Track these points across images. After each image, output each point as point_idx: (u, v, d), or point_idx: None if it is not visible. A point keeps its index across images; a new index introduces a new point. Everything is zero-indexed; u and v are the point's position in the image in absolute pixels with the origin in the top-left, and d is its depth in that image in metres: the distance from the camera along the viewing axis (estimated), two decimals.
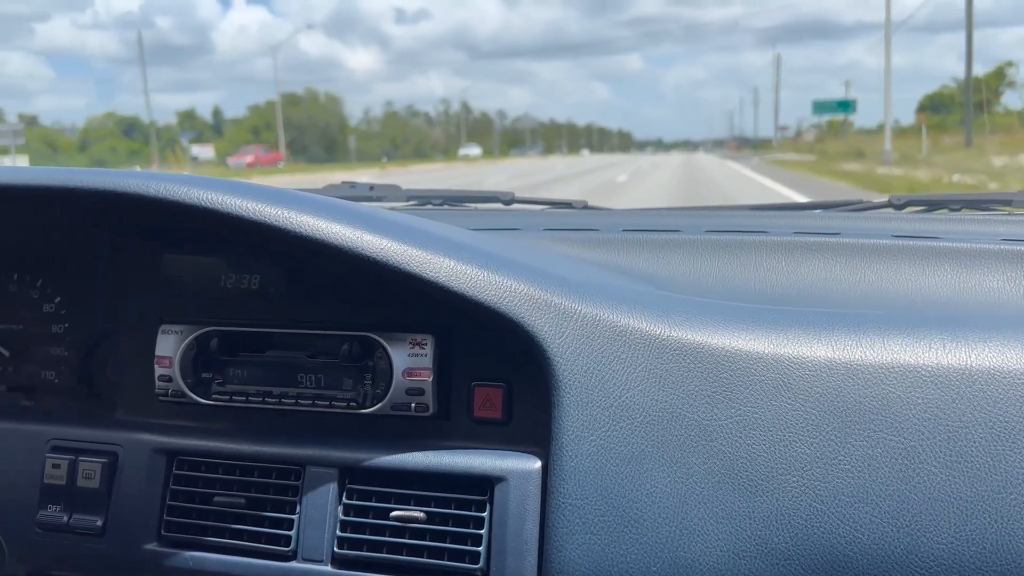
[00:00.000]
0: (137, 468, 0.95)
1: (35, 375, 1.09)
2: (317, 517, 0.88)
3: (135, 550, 0.93)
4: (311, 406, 0.92)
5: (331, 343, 0.92)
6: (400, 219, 0.94)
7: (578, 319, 0.82)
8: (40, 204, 0.93)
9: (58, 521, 0.96)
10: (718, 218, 1.30)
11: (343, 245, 0.82)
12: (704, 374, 0.79)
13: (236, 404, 0.94)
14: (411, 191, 1.54)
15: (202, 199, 0.83)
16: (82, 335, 1.08)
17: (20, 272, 1.10)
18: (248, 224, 0.83)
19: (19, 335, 1.10)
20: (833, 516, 0.73)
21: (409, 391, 0.89)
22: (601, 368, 0.80)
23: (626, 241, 1.18)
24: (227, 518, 0.91)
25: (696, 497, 0.76)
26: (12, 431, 1.01)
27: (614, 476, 0.77)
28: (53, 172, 0.89)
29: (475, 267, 0.83)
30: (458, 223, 1.33)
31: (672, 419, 0.78)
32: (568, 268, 1.00)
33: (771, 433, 0.76)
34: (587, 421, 0.78)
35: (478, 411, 0.89)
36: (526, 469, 0.83)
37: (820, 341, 0.79)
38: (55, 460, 0.97)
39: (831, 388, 0.76)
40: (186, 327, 0.95)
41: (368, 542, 0.86)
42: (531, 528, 0.82)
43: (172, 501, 0.93)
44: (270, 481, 0.91)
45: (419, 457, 0.87)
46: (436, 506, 0.86)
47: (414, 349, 0.89)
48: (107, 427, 0.99)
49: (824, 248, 1.11)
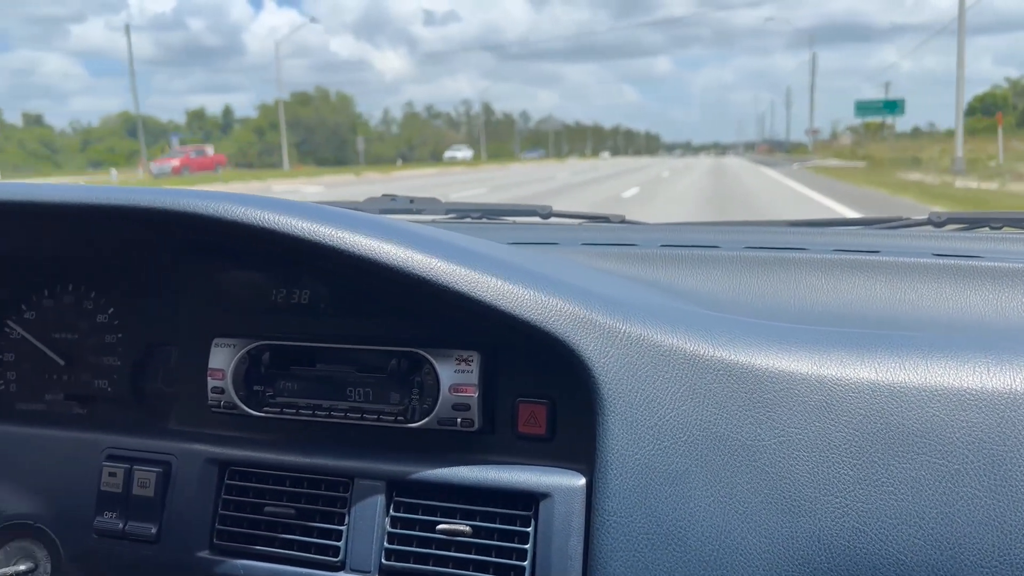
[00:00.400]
0: (190, 477, 0.98)
1: (89, 384, 1.13)
2: (365, 528, 0.91)
3: (188, 557, 0.96)
4: (360, 419, 0.94)
5: (379, 358, 0.95)
6: (446, 237, 0.96)
7: (623, 338, 0.83)
8: (94, 221, 0.96)
9: (114, 528, 0.99)
10: (757, 234, 1.30)
11: (393, 264, 0.84)
12: (747, 394, 0.80)
13: (287, 416, 0.97)
14: (450, 204, 1.56)
15: (257, 219, 0.86)
16: (135, 345, 1.11)
17: (75, 283, 1.14)
18: (301, 243, 0.86)
19: (73, 344, 1.14)
20: (876, 537, 0.74)
21: (455, 406, 0.91)
22: (645, 387, 0.81)
23: (665, 257, 1.20)
24: (277, 528, 0.94)
25: (739, 516, 0.77)
26: (70, 439, 1.05)
27: (658, 494, 0.78)
28: (109, 191, 0.92)
29: (522, 286, 0.85)
30: (496, 237, 1.35)
31: (715, 438, 0.79)
32: (612, 287, 1.01)
33: (814, 453, 0.77)
34: (632, 440, 0.80)
35: (522, 427, 0.91)
36: (571, 486, 0.85)
37: (863, 362, 0.80)
38: (111, 468, 1.00)
39: (874, 410, 0.77)
40: (239, 341, 0.98)
41: (415, 554, 0.88)
42: (575, 544, 0.83)
43: (224, 510, 0.96)
44: (319, 492, 0.94)
45: (465, 471, 0.89)
46: (481, 520, 0.87)
47: (460, 365, 0.91)
48: (161, 437, 1.02)
49: (864, 266, 1.11)
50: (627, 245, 1.26)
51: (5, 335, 1.16)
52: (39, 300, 1.15)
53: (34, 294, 1.15)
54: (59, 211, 0.94)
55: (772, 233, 1.31)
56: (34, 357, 1.15)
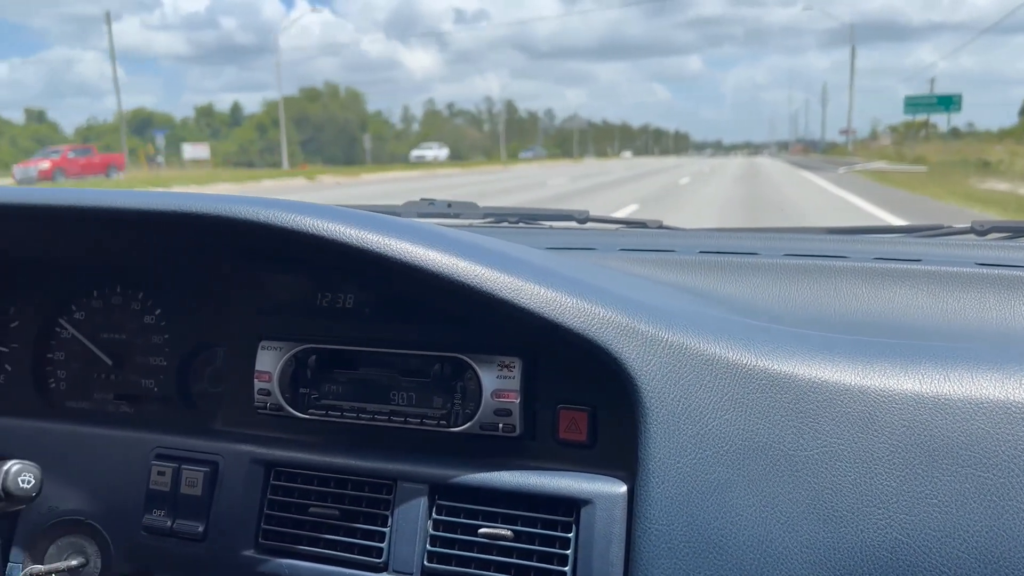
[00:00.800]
0: (237, 477, 1.00)
1: (136, 383, 1.16)
2: (408, 530, 0.92)
3: (234, 556, 0.98)
4: (403, 423, 0.96)
5: (422, 363, 0.96)
6: (490, 244, 0.97)
7: (665, 347, 0.84)
8: (144, 226, 0.99)
9: (162, 525, 1.01)
10: (796, 241, 1.30)
11: (438, 271, 0.86)
12: (789, 404, 0.80)
13: (331, 419, 0.98)
14: (487, 208, 1.57)
15: (306, 226, 0.87)
16: (181, 347, 1.13)
17: (123, 285, 1.17)
18: (348, 249, 0.87)
19: (121, 345, 1.17)
20: (918, 550, 0.74)
21: (497, 412, 0.92)
22: (688, 396, 0.82)
23: (703, 264, 1.20)
24: (322, 528, 0.95)
25: (780, 526, 0.77)
26: (119, 438, 1.07)
27: (700, 503, 0.79)
28: (159, 197, 0.95)
29: (565, 294, 0.86)
30: (533, 242, 1.36)
31: (757, 448, 0.79)
32: (652, 294, 1.02)
33: (856, 465, 0.77)
34: (674, 449, 0.80)
35: (563, 433, 0.92)
36: (612, 493, 0.86)
37: (907, 374, 0.80)
38: (160, 467, 1.03)
39: (918, 422, 0.77)
40: (285, 344, 1.00)
41: (457, 557, 0.90)
42: (616, 551, 0.84)
43: (269, 510, 0.98)
44: (363, 494, 0.95)
45: (506, 476, 0.90)
46: (523, 525, 0.88)
47: (502, 371, 0.92)
48: (208, 437, 1.04)
49: (905, 275, 1.11)
50: (665, 251, 1.26)
51: (56, 335, 1.19)
52: (88, 301, 1.18)
53: (84, 295, 1.18)
54: (108, 216, 0.96)
55: (811, 240, 1.31)
56: (83, 357, 1.18)
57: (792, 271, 1.16)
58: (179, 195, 0.94)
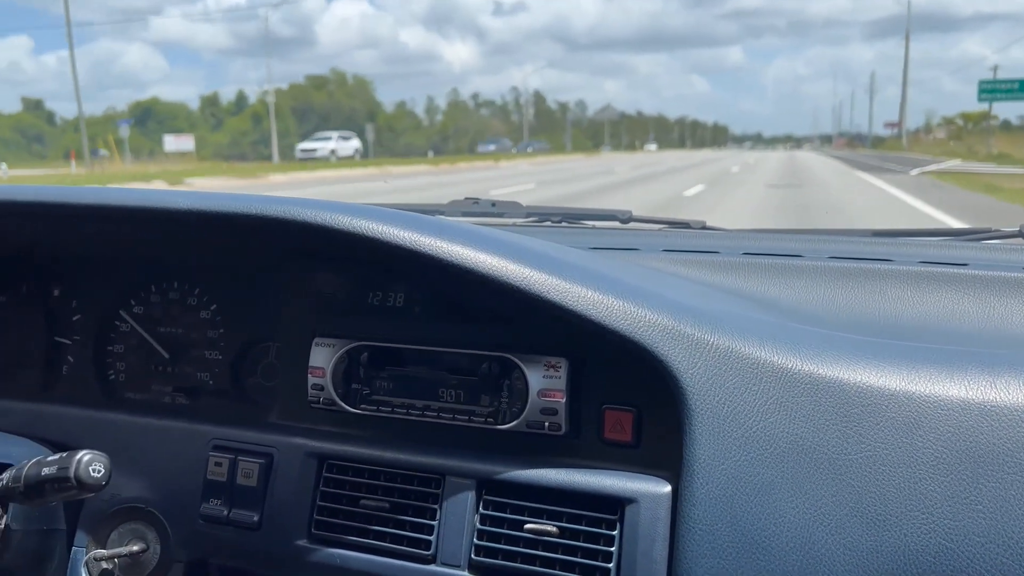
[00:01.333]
0: (291, 469, 1.03)
1: (192, 376, 1.20)
2: (455, 524, 0.95)
3: (287, 545, 1.01)
4: (451, 420, 0.99)
5: (470, 362, 0.98)
6: (538, 247, 0.99)
7: (711, 350, 0.85)
8: (200, 225, 1.02)
9: (219, 514, 1.05)
10: (840, 243, 1.30)
11: (488, 273, 0.88)
12: (834, 408, 0.81)
13: (382, 414, 1.01)
14: (530, 208, 1.59)
15: (361, 228, 0.90)
16: (235, 341, 1.17)
17: (180, 280, 1.21)
18: (400, 251, 0.90)
19: (178, 338, 1.21)
20: (963, 555, 0.75)
21: (543, 411, 0.94)
22: (733, 399, 0.83)
23: (747, 265, 1.21)
24: (372, 520, 0.98)
25: (824, 528, 0.78)
26: (178, 429, 1.12)
27: (744, 504, 0.80)
28: (217, 198, 0.98)
29: (612, 296, 0.87)
30: (577, 242, 1.37)
31: (802, 451, 0.80)
32: (698, 297, 1.03)
33: (901, 469, 0.78)
34: (719, 450, 0.82)
35: (608, 433, 0.93)
36: (656, 492, 0.88)
37: (953, 380, 0.80)
38: (217, 458, 1.07)
39: (964, 428, 0.78)
40: (338, 341, 1.03)
41: (503, 551, 0.92)
42: (660, 549, 0.86)
43: (322, 501, 1.01)
44: (412, 488, 0.98)
45: (552, 474, 0.92)
46: (568, 522, 0.91)
47: (549, 371, 0.94)
48: (263, 430, 1.08)
49: (951, 280, 1.11)
50: (708, 252, 1.27)
51: (115, 328, 1.24)
52: (147, 296, 1.23)
53: (142, 290, 1.23)
54: (166, 216, 1.00)
55: (856, 243, 1.31)
56: (141, 350, 1.22)
57: (836, 274, 1.16)
58: (233, 197, 0.98)
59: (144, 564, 1.08)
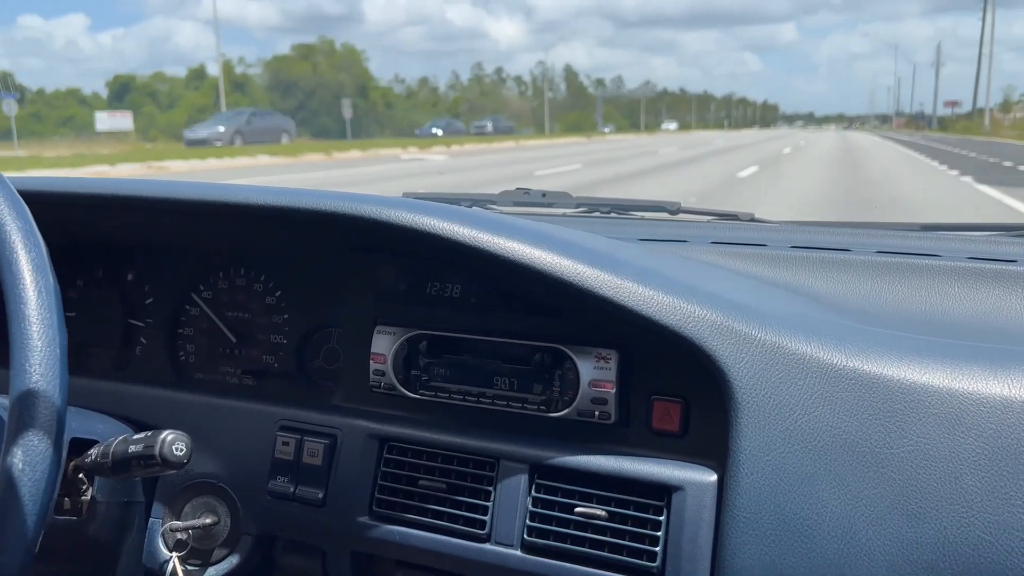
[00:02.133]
0: (353, 450, 1.09)
1: (258, 359, 1.26)
2: (509, 506, 0.99)
3: (350, 521, 1.07)
4: (505, 407, 1.03)
5: (524, 351, 1.03)
6: (590, 243, 1.03)
7: (758, 345, 0.88)
8: (267, 219, 1.08)
9: (286, 491, 1.11)
10: (888, 237, 1.31)
11: (543, 269, 0.92)
12: (878, 404, 0.84)
13: (440, 400, 1.06)
14: (580, 199, 1.62)
15: (422, 224, 0.95)
16: (299, 326, 1.23)
17: (246, 267, 1.27)
18: (460, 246, 0.95)
19: (245, 323, 1.27)
20: (1001, 548, 0.77)
21: (594, 400, 0.98)
22: (778, 393, 0.86)
23: (794, 259, 1.23)
24: (429, 500, 1.04)
25: (865, 519, 0.81)
26: (247, 409, 1.18)
27: (787, 494, 0.84)
28: (282, 193, 1.04)
29: (662, 292, 0.91)
30: (626, 232, 1.41)
31: (845, 445, 0.83)
32: (746, 291, 1.06)
33: (942, 464, 0.80)
34: (764, 442, 0.85)
35: (656, 423, 0.97)
36: (703, 481, 0.91)
37: (996, 378, 0.82)
38: (284, 438, 1.13)
39: (1005, 425, 0.80)
40: (398, 329, 1.09)
41: (554, 533, 0.97)
42: (705, 535, 0.89)
43: (382, 481, 1.07)
44: (468, 471, 1.03)
45: (601, 461, 0.97)
46: (616, 507, 0.95)
47: (599, 363, 0.98)
48: (327, 412, 1.14)
49: (1000, 276, 1.12)
50: (756, 245, 1.29)
51: (186, 311, 1.31)
52: (215, 282, 1.29)
53: (211, 276, 1.29)
54: (232, 210, 1.06)
55: (905, 237, 1.32)
56: (210, 333, 1.29)
57: (883, 268, 1.18)
58: (298, 192, 1.03)
59: (215, 536, 1.16)
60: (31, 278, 0.74)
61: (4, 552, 0.68)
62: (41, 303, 0.73)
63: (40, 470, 0.70)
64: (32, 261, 0.75)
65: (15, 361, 0.72)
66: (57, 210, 1.18)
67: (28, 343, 0.72)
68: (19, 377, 0.71)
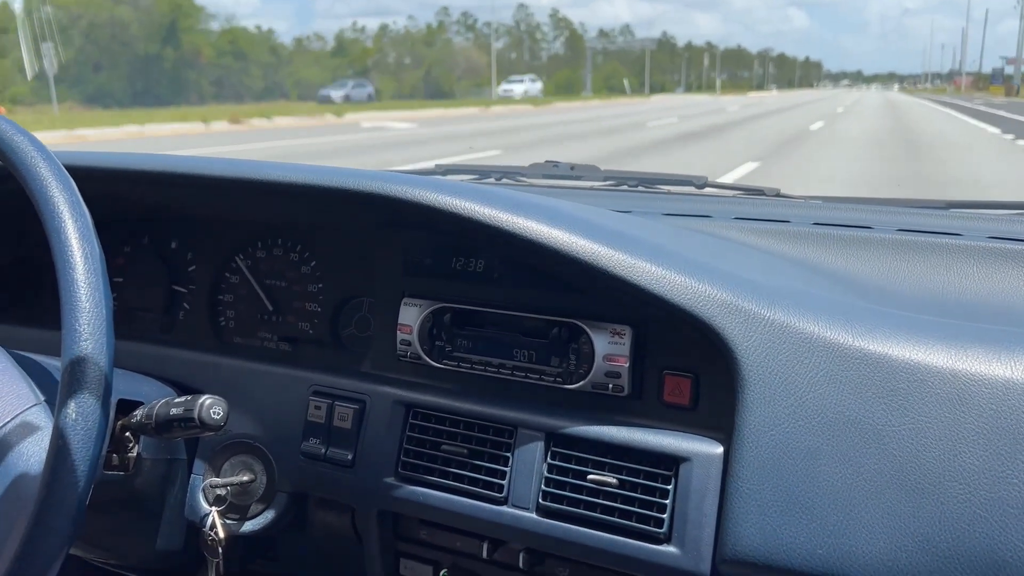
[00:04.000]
0: (381, 415, 1.15)
1: (294, 326, 1.32)
2: (525, 471, 1.04)
3: (377, 482, 1.13)
4: (524, 378, 1.08)
5: (542, 325, 1.07)
6: (607, 222, 1.06)
7: (766, 324, 0.91)
8: (302, 197, 1.13)
9: (317, 452, 1.18)
10: (911, 215, 1.32)
11: (561, 249, 0.96)
12: (881, 382, 0.86)
13: (462, 369, 1.11)
14: (608, 172, 1.65)
15: (444, 203, 0.99)
16: (333, 295, 1.29)
17: (284, 238, 1.33)
18: (480, 226, 0.99)
19: (282, 291, 1.33)
20: (997, 524, 0.80)
21: (608, 373, 1.02)
22: (785, 370, 0.89)
23: (816, 236, 1.25)
24: (451, 464, 1.09)
25: (864, 493, 0.84)
26: (282, 374, 1.24)
27: (790, 468, 0.87)
28: (319, 172, 1.08)
29: (674, 271, 0.94)
30: (651, 206, 1.43)
31: (848, 422, 0.86)
32: (760, 270, 1.08)
33: (943, 442, 0.83)
34: (769, 418, 0.89)
35: (667, 396, 1.01)
36: (709, 453, 0.95)
37: (999, 360, 0.84)
38: (316, 403, 1.19)
39: (1006, 406, 0.82)
40: (424, 302, 1.13)
41: (568, 498, 1.01)
42: (710, 504, 0.94)
43: (408, 445, 1.12)
44: (487, 437, 1.08)
45: (613, 431, 1.01)
46: (627, 475, 0.99)
47: (614, 338, 1.02)
48: (357, 378, 1.19)
49: (1019, 257, 1.12)
50: (779, 221, 1.31)
51: (226, 279, 1.37)
52: (254, 252, 1.35)
53: (250, 246, 1.35)
54: (267, 188, 1.11)
55: (928, 216, 1.32)
56: (249, 300, 1.35)
57: (904, 247, 1.19)
58: (329, 171, 1.08)
59: (252, 492, 1.23)
60: (78, 245, 0.79)
61: (60, 497, 0.75)
62: (88, 267, 0.79)
63: (92, 420, 0.76)
64: (79, 230, 0.80)
65: (66, 322, 0.77)
66: (104, 184, 1.24)
67: (77, 305, 0.78)
68: (70, 336, 0.77)
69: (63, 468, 0.75)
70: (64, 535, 0.75)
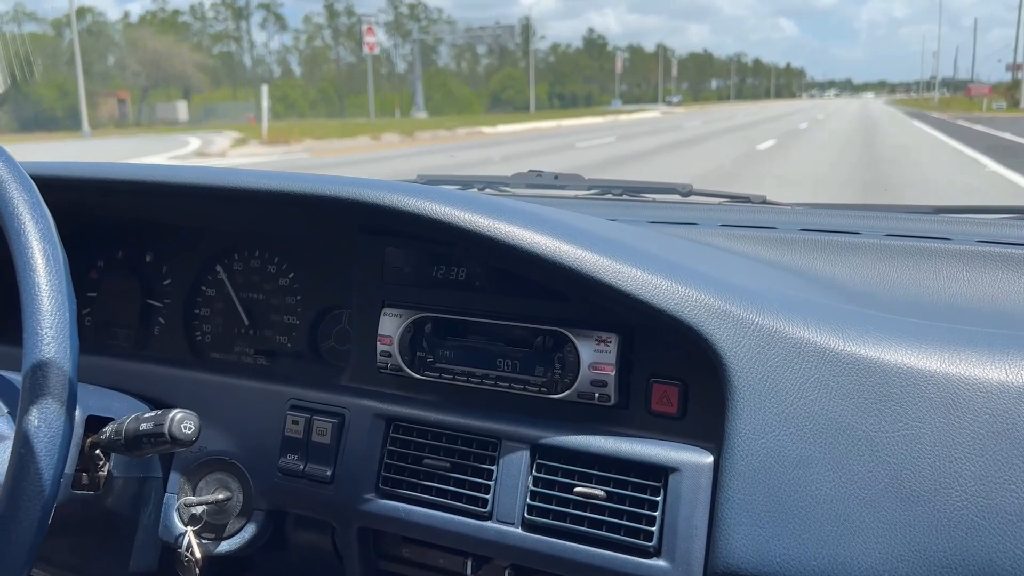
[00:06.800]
0: (361, 429, 1.12)
1: (272, 339, 1.29)
2: (510, 485, 1.01)
3: (357, 498, 1.10)
4: (507, 388, 1.05)
5: (526, 334, 1.04)
6: (592, 227, 1.04)
7: (755, 329, 0.89)
8: (278, 204, 1.10)
9: (296, 468, 1.14)
10: (899, 220, 1.31)
11: (544, 254, 0.93)
12: (873, 387, 0.84)
13: (444, 381, 1.08)
14: (592, 181, 1.63)
15: (424, 209, 0.97)
16: (311, 308, 1.26)
17: (261, 250, 1.30)
18: (461, 231, 0.96)
19: (259, 304, 1.30)
20: (994, 532, 0.77)
21: (594, 382, 0.99)
22: (775, 377, 0.87)
23: (803, 242, 1.23)
24: (434, 478, 1.06)
25: (858, 502, 0.82)
26: (259, 389, 1.21)
27: (781, 477, 0.85)
28: (294, 179, 1.06)
29: (661, 277, 0.92)
30: (636, 215, 1.41)
31: (840, 429, 0.84)
32: (748, 275, 1.06)
33: (936, 448, 0.81)
34: (759, 425, 0.86)
35: (655, 405, 0.98)
36: (699, 463, 0.93)
37: (993, 363, 0.82)
38: (294, 417, 1.16)
39: (1000, 409, 0.80)
40: (405, 311, 1.10)
41: (554, 512, 0.98)
42: (701, 515, 0.91)
43: (389, 459, 1.09)
44: (471, 450, 1.05)
45: (601, 442, 0.98)
46: (615, 487, 0.96)
47: (600, 346, 0.99)
48: (336, 392, 1.16)
49: (1009, 260, 1.11)
50: (766, 228, 1.29)
51: (201, 292, 1.34)
52: (230, 264, 1.32)
53: (226, 258, 1.32)
54: (241, 195, 1.08)
55: (916, 220, 1.31)
56: (225, 313, 1.32)
57: (892, 252, 1.17)
58: (303, 177, 1.05)
59: (228, 511, 1.19)
60: (39, 246, 0.76)
61: (25, 504, 0.71)
62: (49, 269, 0.76)
63: (56, 426, 0.73)
64: (40, 231, 0.77)
65: (28, 326, 0.74)
66: (72, 194, 1.21)
67: (39, 308, 0.74)
68: (32, 340, 0.74)
69: (26, 474, 0.71)
70: (26, 547, 0.71)
